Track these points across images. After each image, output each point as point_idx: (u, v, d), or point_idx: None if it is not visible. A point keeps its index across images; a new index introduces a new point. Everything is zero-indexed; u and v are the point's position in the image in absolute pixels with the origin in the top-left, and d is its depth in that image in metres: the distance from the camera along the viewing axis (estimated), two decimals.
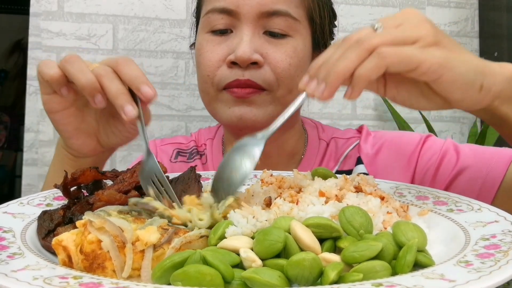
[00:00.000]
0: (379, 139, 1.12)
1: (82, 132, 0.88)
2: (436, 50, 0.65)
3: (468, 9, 2.21)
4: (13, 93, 3.79)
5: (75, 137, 0.88)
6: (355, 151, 1.12)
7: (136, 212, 0.63)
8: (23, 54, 3.48)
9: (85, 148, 0.89)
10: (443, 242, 0.62)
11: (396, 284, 0.46)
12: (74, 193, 0.72)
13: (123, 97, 0.75)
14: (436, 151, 1.04)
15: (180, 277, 0.49)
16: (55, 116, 0.85)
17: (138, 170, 0.72)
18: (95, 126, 0.89)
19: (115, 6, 1.89)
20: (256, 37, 1.00)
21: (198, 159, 1.21)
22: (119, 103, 0.75)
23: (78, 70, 0.77)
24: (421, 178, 1.04)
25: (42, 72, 0.80)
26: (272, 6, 0.99)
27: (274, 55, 1.00)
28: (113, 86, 0.76)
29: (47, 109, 0.85)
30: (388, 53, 0.62)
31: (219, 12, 1.01)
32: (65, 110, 0.85)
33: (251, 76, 0.99)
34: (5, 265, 0.52)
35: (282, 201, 0.65)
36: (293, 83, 1.02)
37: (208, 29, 1.04)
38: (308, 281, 0.50)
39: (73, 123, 0.87)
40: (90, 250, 0.55)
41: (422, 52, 0.64)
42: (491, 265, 0.49)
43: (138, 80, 0.76)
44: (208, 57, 1.02)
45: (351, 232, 0.57)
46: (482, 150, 1.02)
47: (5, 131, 3.72)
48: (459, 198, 0.74)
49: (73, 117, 0.86)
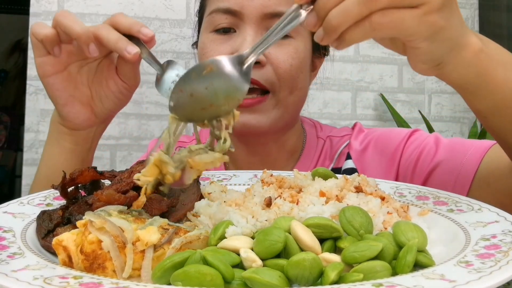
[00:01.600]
0: (369, 135, 1.14)
1: (76, 99, 0.90)
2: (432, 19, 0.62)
3: (468, 9, 2.21)
4: (13, 93, 3.79)
5: (70, 104, 0.90)
6: (347, 148, 1.13)
7: (136, 212, 0.63)
8: (23, 54, 3.48)
9: (80, 117, 0.91)
10: (443, 242, 0.62)
11: (396, 284, 0.46)
12: (72, 193, 0.72)
13: (123, 41, 0.80)
14: (418, 145, 1.04)
15: (180, 277, 0.49)
16: (49, 80, 0.88)
17: (136, 171, 0.73)
18: (88, 94, 0.91)
19: (115, 6, 1.89)
20: (258, 37, 1.01)
21: None
22: (120, 46, 0.80)
23: (72, 21, 0.81)
24: (404, 172, 1.04)
25: (35, 33, 0.84)
26: (275, 8, 1.01)
27: (277, 55, 1.01)
28: (111, 35, 0.81)
29: (40, 73, 0.88)
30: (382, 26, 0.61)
31: (223, 12, 1.03)
32: (58, 73, 0.88)
33: (255, 75, 1.00)
34: (5, 265, 0.52)
35: (282, 201, 0.65)
36: (294, 84, 1.04)
37: (212, 28, 1.05)
38: (309, 281, 0.50)
39: (67, 89, 0.89)
40: (90, 250, 0.55)
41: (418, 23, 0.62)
42: (491, 265, 0.49)
43: (136, 25, 0.82)
44: (211, 56, 1.03)
45: (351, 232, 0.57)
46: (461, 142, 1.01)
47: (5, 131, 3.72)
48: (459, 198, 0.74)
49: (66, 82, 0.89)
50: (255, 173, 0.92)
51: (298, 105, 1.10)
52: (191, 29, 1.93)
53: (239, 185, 0.86)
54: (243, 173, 0.94)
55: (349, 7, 0.60)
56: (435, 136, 1.05)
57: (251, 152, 1.13)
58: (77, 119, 0.91)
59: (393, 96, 2.11)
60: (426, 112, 2.13)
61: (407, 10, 0.61)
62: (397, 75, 2.12)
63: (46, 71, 0.87)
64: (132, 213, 0.62)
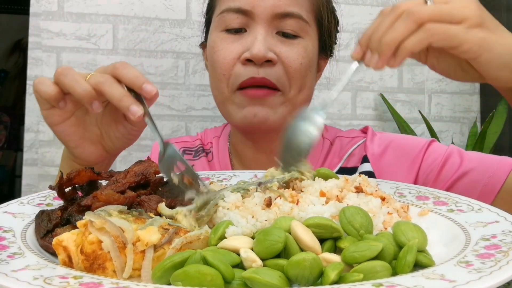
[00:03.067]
0: (385, 140, 1.16)
1: (87, 140, 0.90)
2: (479, 31, 0.71)
3: None
4: (13, 93, 3.79)
5: (81, 146, 0.90)
6: (361, 150, 1.15)
7: (136, 212, 0.63)
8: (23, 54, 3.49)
9: (92, 156, 0.91)
10: (443, 242, 0.62)
11: (396, 285, 0.46)
12: (70, 194, 0.72)
13: (127, 99, 0.78)
14: (440, 154, 1.07)
15: (181, 277, 0.49)
16: (58, 128, 0.87)
17: (132, 171, 0.73)
18: (98, 133, 0.91)
19: (115, 6, 1.89)
20: (269, 37, 1.04)
21: (204, 157, 1.24)
22: (124, 105, 0.77)
23: (73, 81, 0.79)
24: (423, 179, 1.07)
25: (39, 90, 0.82)
26: (285, 8, 1.04)
27: (287, 54, 1.04)
28: (115, 90, 0.78)
29: (49, 123, 0.87)
30: (435, 30, 0.69)
31: (234, 11, 1.05)
32: (66, 121, 0.87)
33: (266, 74, 1.02)
34: (5, 265, 0.52)
35: (282, 201, 0.65)
36: (303, 83, 1.07)
37: (223, 27, 1.07)
38: (309, 281, 0.50)
39: (77, 133, 0.89)
40: (90, 250, 0.55)
41: (466, 32, 0.70)
42: (491, 266, 0.49)
43: (139, 79, 0.79)
44: (222, 55, 1.05)
45: (351, 232, 0.57)
46: (486, 156, 1.06)
47: (5, 131, 3.72)
48: (459, 198, 0.74)
49: (75, 127, 0.88)
50: (255, 173, 0.92)
51: (305, 104, 1.13)
52: (191, 29, 1.94)
53: None
54: (243, 173, 0.94)
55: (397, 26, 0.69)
56: (456, 147, 1.09)
57: (258, 149, 1.14)
58: (90, 158, 0.92)
59: (393, 96, 2.11)
60: (426, 112, 2.13)
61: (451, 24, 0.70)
62: (397, 75, 2.12)
63: (54, 121, 0.86)
64: (132, 213, 0.62)
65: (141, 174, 0.72)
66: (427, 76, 2.14)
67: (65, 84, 0.80)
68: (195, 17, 1.93)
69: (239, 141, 1.19)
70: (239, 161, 1.19)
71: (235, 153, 1.21)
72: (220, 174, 0.92)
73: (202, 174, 0.88)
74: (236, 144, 1.20)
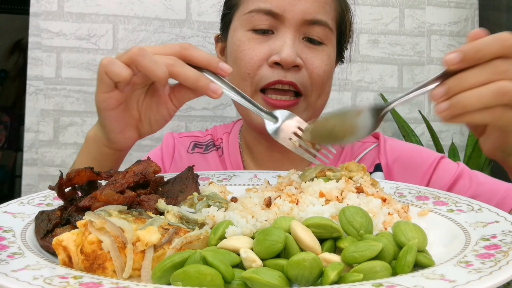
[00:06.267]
0: (395, 149, 1.17)
1: (129, 125, 0.89)
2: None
3: (468, 9, 2.21)
4: (13, 93, 3.80)
5: (124, 131, 0.89)
6: (372, 155, 1.17)
7: (136, 212, 0.63)
8: (23, 54, 3.49)
9: (130, 141, 0.91)
10: (443, 243, 0.62)
11: (396, 285, 0.46)
12: (69, 194, 0.72)
13: (203, 79, 0.80)
14: (450, 173, 1.08)
15: (180, 277, 0.49)
16: (112, 112, 0.85)
17: (131, 171, 0.73)
18: (137, 117, 0.89)
19: (115, 6, 1.89)
20: (297, 42, 1.05)
21: (215, 151, 1.25)
22: (202, 84, 0.79)
23: (153, 63, 0.78)
24: None
25: (110, 71, 0.79)
26: (315, 16, 1.05)
27: (312, 61, 1.06)
28: (189, 72, 0.79)
29: (104, 107, 0.84)
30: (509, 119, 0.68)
31: (264, 13, 1.05)
32: (120, 105, 0.85)
33: (292, 77, 1.04)
34: (5, 265, 0.52)
35: (282, 201, 0.65)
36: (323, 88, 1.10)
37: (250, 27, 1.08)
38: (308, 281, 0.50)
39: (125, 118, 0.87)
40: (90, 250, 0.55)
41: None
42: (491, 266, 0.49)
43: (214, 59, 0.81)
44: (249, 55, 1.06)
45: (351, 232, 0.57)
46: (494, 182, 1.06)
47: (5, 131, 3.72)
48: (459, 198, 0.74)
49: (126, 112, 0.87)
50: (255, 173, 0.92)
51: (323, 109, 1.15)
52: (191, 29, 1.94)
53: (239, 185, 0.86)
54: (243, 173, 0.94)
55: (483, 95, 0.66)
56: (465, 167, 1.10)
57: (272, 146, 1.14)
58: (128, 143, 0.91)
59: (393, 96, 2.11)
60: (426, 112, 2.13)
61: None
62: (397, 75, 2.12)
63: (110, 105, 0.84)
64: (132, 213, 0.62)
65: (140, 174, 0.72)
66: (427, 76, 2.14)
67: (144, 66, 0.77)
68: (195, 17, 1.93)
69: (252, 138, 1.19)
70: (251, 157, 1.20)
71: (246, 149, 1.21)
72: (220, 174, 0.92)
73: (201, 174, 0.88)
74: (249, 141, 1.21)
